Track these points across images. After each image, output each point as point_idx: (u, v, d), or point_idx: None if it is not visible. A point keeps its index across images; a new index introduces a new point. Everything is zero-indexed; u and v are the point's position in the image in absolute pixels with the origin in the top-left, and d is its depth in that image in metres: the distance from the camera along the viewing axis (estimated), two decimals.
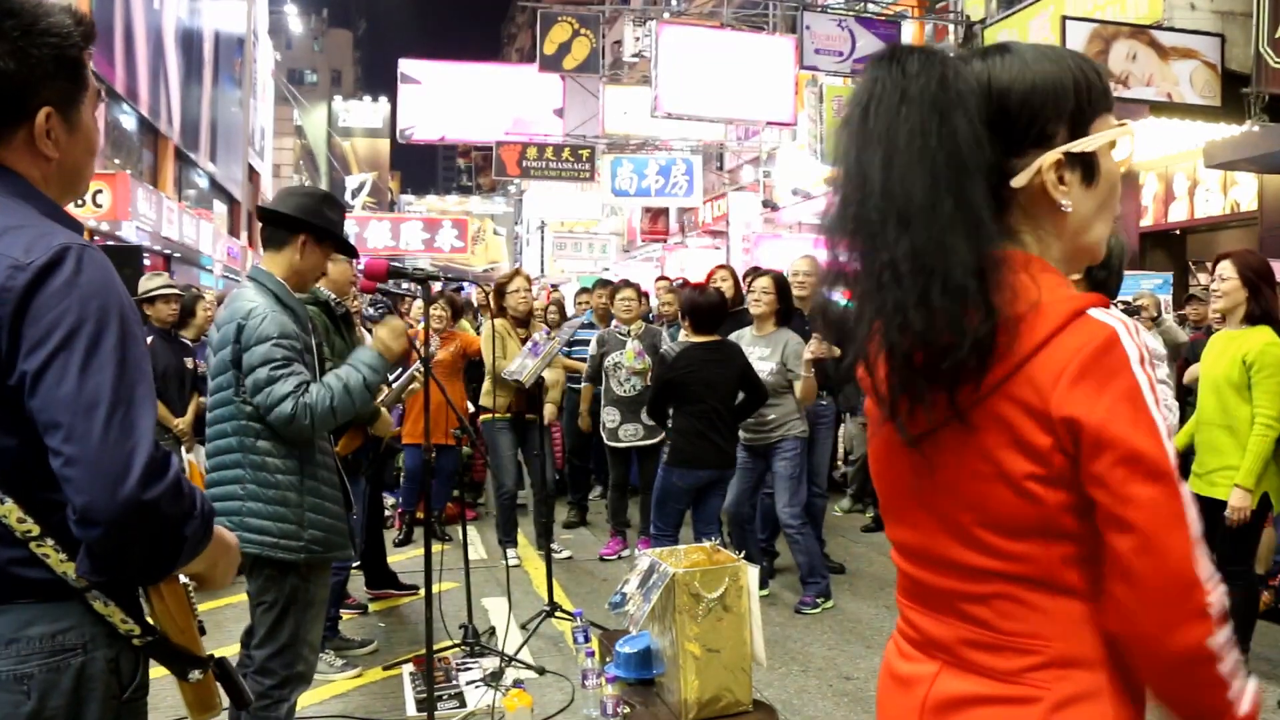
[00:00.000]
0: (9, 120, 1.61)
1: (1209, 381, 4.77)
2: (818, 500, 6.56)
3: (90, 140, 1.73)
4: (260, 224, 3.47)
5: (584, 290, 10.00)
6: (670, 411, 5.80)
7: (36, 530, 1.54)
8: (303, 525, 3.16)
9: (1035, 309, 1.23)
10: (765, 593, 6.21)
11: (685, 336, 5.91)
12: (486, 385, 6.93)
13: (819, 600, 5.99)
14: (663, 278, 11.49)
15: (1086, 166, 1.32)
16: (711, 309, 5.78)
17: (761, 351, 5.92)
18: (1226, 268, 4.62)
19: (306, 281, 3.41)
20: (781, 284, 6.12)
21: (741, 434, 5.98)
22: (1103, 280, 3.12)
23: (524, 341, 6.70)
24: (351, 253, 3.73)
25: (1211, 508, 4.73)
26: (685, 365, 5.66)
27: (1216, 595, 1.19)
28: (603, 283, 9.10)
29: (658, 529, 5.80)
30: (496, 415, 6.85)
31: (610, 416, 7.24)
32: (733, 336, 6.06)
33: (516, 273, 7.26)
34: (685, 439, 5.67)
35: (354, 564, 5.93)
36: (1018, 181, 1.30)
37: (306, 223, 3.31)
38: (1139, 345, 1.21)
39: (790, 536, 5.99)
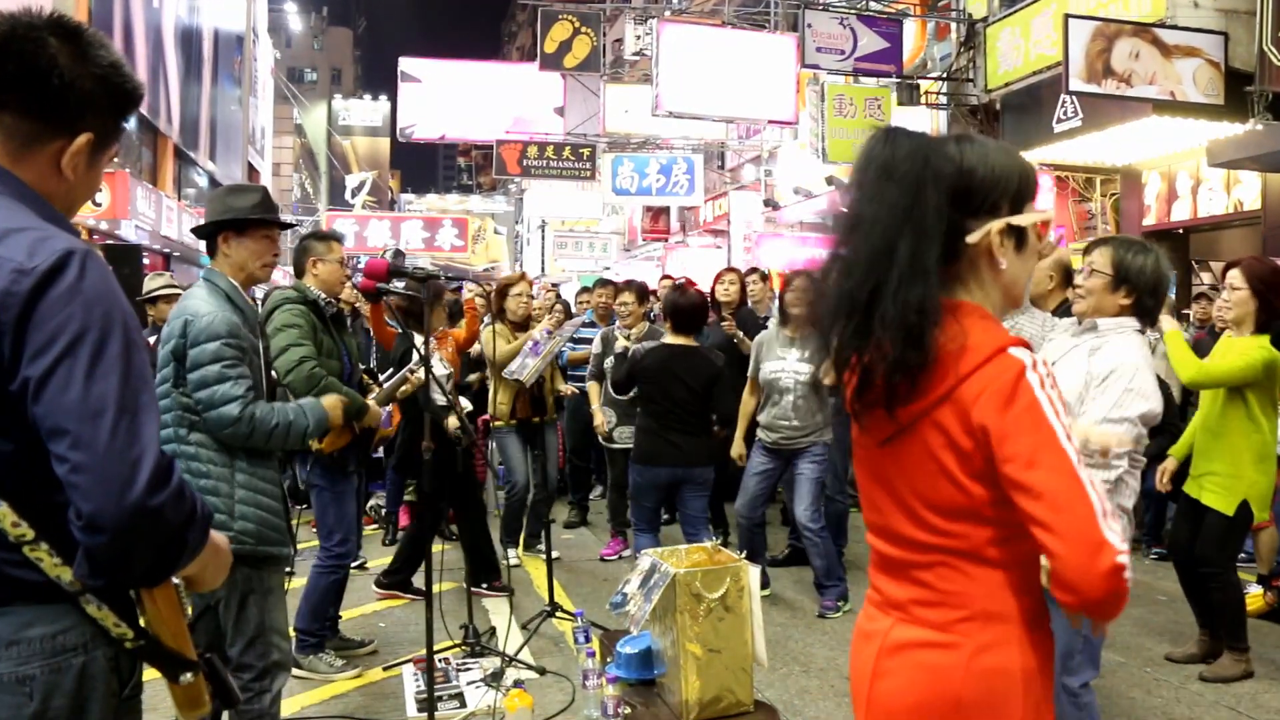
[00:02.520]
0: (53, 133, 1.66)
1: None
2: (839, 504, 6.57)
3: (96, 184, 1.80)
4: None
5: (585, 290, 9.99)
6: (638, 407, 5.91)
7: (30, 534, 1.54)
8: (232, 515, 3.17)
9: (965, 346, 1.60)
10: (766, 593, 6.20)
11: (667, 336, 5.92)
12: (497, 393, 6.89)
13: (840, 604, 5.94)
14: (666, 277, 11.48)
15: (1019, 237, 1.72)
16: (693, 310, 5.80)
17: (799, 354, 5.77)
18: (1236, 277, 4.66)
19: (252, 273, 3.42)
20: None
21: (764, 436, 5.98)
22: (1150, 308, 3.31)
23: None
24: (278, 225, 3.56)
25: (1197, 510, 4.81)
26: (650, 364, 5.71)
27: (1118, 536, 1.50)
28: (603, 282, 9.08)
29: (634, 525, 5.88)
30: (501, 423, 6.82)
31: (606, 417, 7.24)
32: (761, 337, 6.07)
33: (521, 277, 7.24)
34: (644, 436, 5.76)
35: (354, 563, 5.92)
36: (972, 239, 1.68)
37: (215, 224, 3.38)
38: (1040, 375, 1.58)
39: (808, 539, 5.97)
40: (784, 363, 5.89)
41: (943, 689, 1.63)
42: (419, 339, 4.69)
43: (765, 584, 6.30)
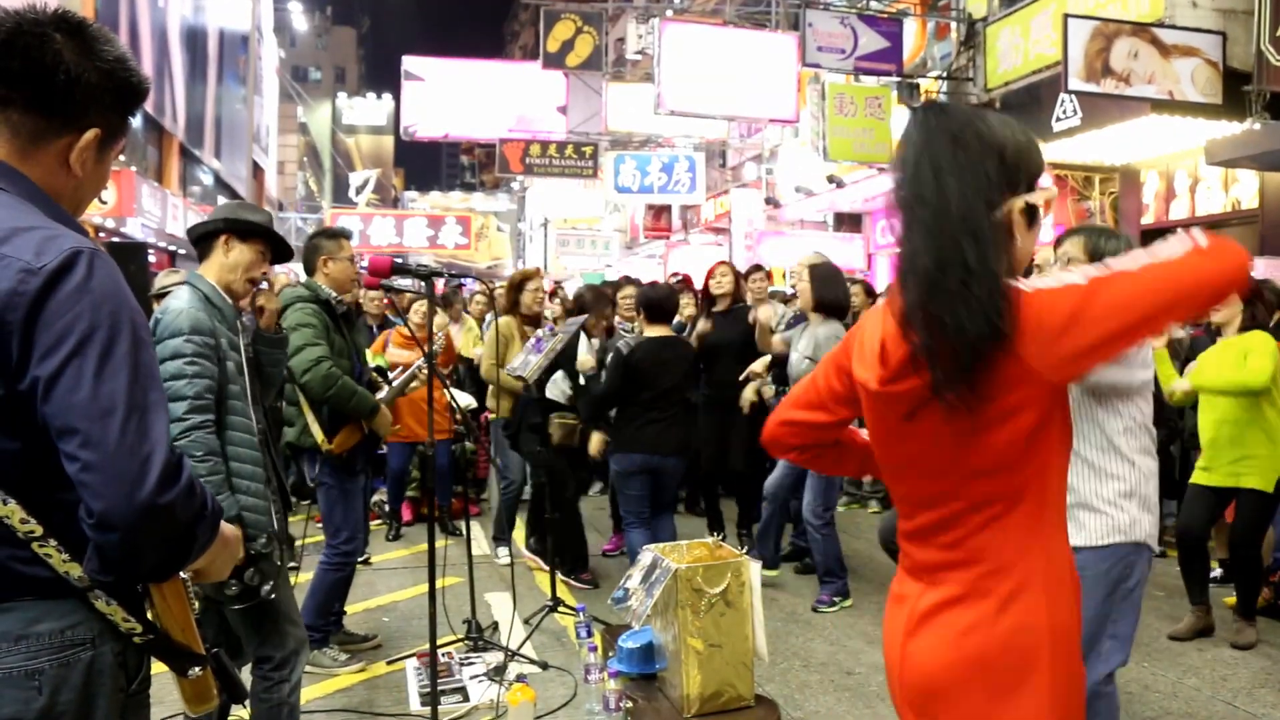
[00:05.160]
0: (60, 129, 1.65)
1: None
2: None
3: (103, 181, 1.79)
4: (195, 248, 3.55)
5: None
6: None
7: (39, 531, 1.55)
8: None
9: None
10: (775, 573, 6.40)
11: (645, 329, 6.01)
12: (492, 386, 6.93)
13: (836, 599, 5.98)
14: (674, 274, 11.52)
15: (1032, 213, 1.72)
16: (663, 302, 5.97)
17: (797, 341, 6.02)
18: None
19: (238, 280, 3.41)
20: (816, 273, 6.03)
21: None
22: None
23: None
24: (285, 254, 3.64)
25: (1227, 497, 5.29)
26: (643, 356, 5.78)
27: None
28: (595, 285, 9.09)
29: (624, 518, 5.97)
30: (494, 416, 6.89)
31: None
32: (795, 330, 6.19)
33: (536, 271, 7.24)
34: (627, 425, 5.81)
35: (360, 559, 5.96)
36: (999, 213, 1.67)
37: (224, 221, 3.41)
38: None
39: (810, 535, 6.03)
40: (798, 353, 6.00)
41: (971, 647, 1.67)
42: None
43: (773, 565, 6.39)
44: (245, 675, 3.34)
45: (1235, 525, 5.22)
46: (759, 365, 6.50)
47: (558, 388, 6.18)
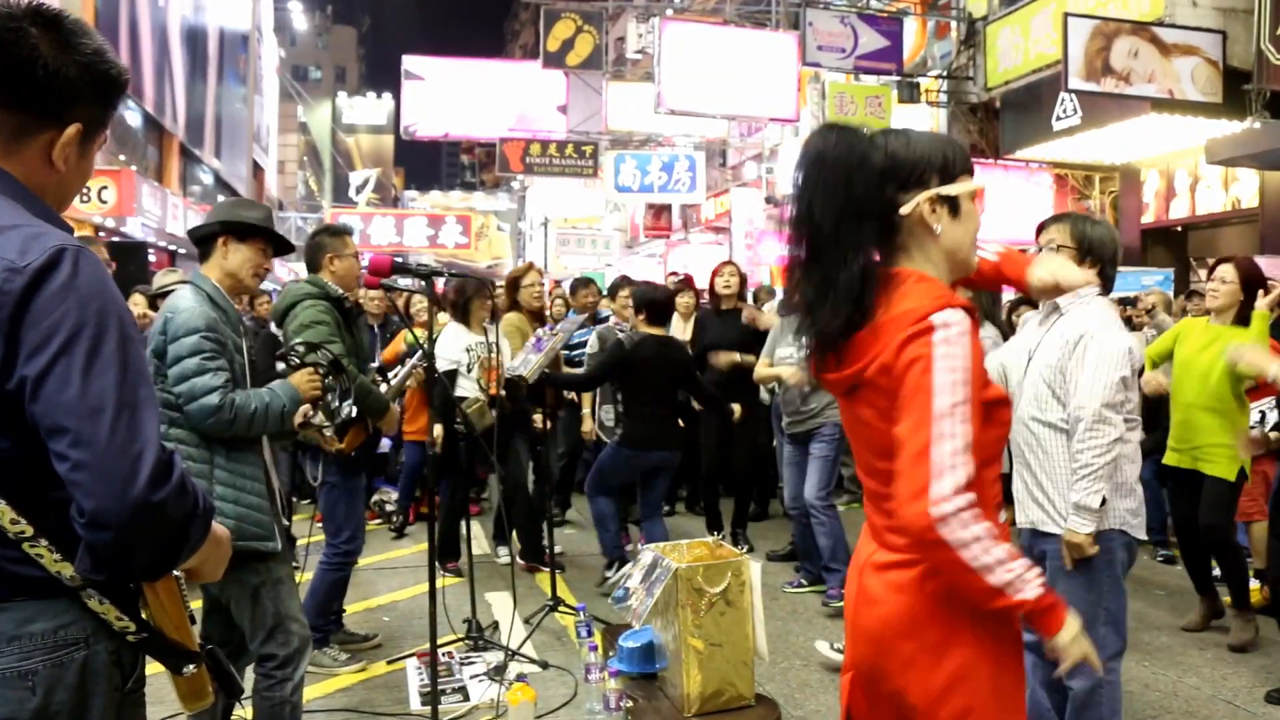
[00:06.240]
0: (41, 124, 1.64)
1: (1194, 369, 5.15)
2: None
3: (87, 175, 1.78)
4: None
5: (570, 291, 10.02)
6: (620, 397, 6.19)
7: (29, 531, 1.54)
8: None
9: (893, 314, 1.82)
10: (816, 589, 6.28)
11: (642, 328, 6.10)
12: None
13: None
14: (673, 274, 11.51)
15: (953, 206, 1.91)
16: (666, 303, 6.20)
17: (788, 338, 5.99)
18: (1229, 271, 5.09)
19: (241, 280, 3.46)
20: None
21: (785, 425, 6.19)
22: (1110, 277, 3.42)
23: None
24: (286, 247, 3.69)
25: (1195, 480, 5.18)
26: (644, 352, 5.91)
27: (953, 506, 1.70)
28: (586, 281, 9.07)
29: (594, 485, 6.08)
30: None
31: (608, 415, 7.29)
32: (781, 321, 6.19)
33: (530, 267, 7.22)
34: (642, 422, 5.95)
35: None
36: (905, 209, 1.89)
37: (220, 224, 3.44)
38: (952, 331, 1.77)
39: (815, 519, 5.97)
40: (790, 349, 5.96)
41: (902, 603, 1.88)
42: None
43: (818, 580, 6.28)
44: (249, 676, 3.35)
45: (1201, 516, 5.15)
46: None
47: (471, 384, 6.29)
